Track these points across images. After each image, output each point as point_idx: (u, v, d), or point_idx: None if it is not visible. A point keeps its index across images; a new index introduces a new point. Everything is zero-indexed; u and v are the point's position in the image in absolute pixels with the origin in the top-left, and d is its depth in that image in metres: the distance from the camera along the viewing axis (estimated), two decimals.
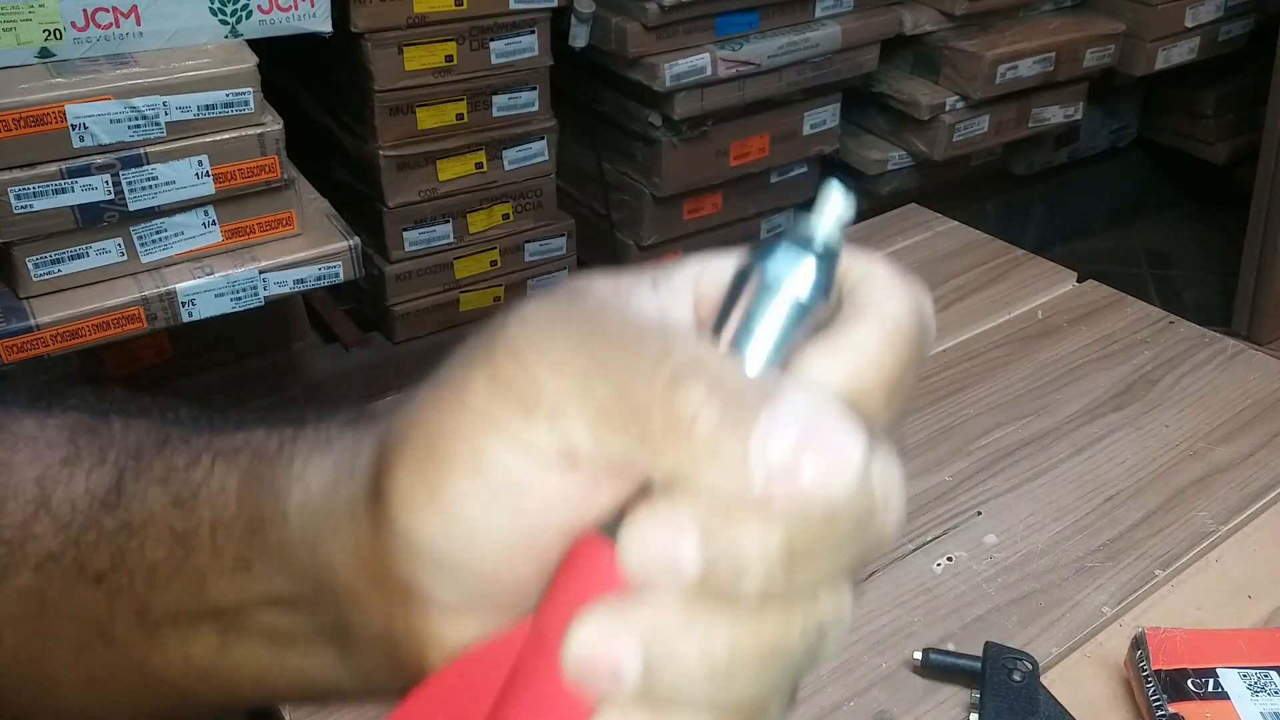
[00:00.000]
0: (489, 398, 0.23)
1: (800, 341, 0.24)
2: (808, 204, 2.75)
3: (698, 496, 0.22)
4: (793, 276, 0.24)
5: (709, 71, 2.04)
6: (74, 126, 1.40)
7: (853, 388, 0.24)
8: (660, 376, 0.22)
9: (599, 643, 0.22)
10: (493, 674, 0.25)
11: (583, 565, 0.24)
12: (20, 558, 0.30)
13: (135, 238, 1.52)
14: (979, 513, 0.80)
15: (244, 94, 1.50)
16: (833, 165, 2.41)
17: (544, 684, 0.23)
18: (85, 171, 1.43)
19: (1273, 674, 0.64)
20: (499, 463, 0.23)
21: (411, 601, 0.25)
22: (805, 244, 0.24)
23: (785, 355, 0.24)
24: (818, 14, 2.16)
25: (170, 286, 1.53)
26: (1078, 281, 1.09)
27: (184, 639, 0.30)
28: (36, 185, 1.41)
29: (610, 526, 0.23)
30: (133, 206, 1.48)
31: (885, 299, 0.25)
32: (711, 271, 0.26)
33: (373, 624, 0.27)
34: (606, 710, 0.23)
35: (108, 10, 1.47)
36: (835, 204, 0.25)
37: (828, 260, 0.24)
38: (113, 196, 1.46)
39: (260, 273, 1.58)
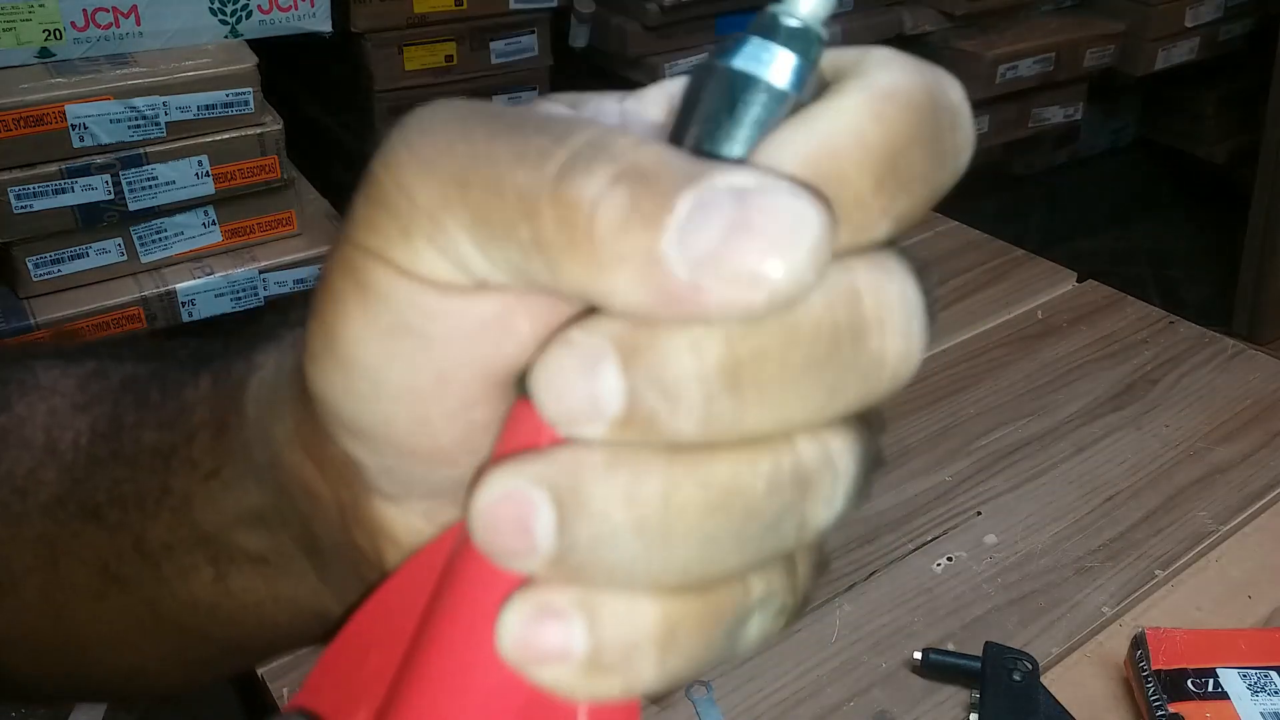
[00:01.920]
0: (366, 223, 0.20)
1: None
2: None
3: (615, 311, 0.18)
4: (762, 67, 0.19)
5: None
6: (74, 126, 1.41)
7: (824, 164, 0.18)
8: (553, 161, 0.18)
9: (501, 498, 0.18)
10: (435, 573, 0.22)
11: (516, 431, 0.20)
12: (31, 504, 0.31)
13: (135, 238, 1.52)
14: (979, 513, 0.80)
15: (244, 94, 1.50)
16: None
17: (468, 567, 0.20)
18: (85, 171, 1.43)
19: (1273, 674, 0.64)
20: (385, 296, 0.20)
21: (354, 489, 0.23)
22: (775, 31, 0.20)
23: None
24: None
25: (170, 286, 1.53)
26: (1078, 281, 1.09)
27: (182, 573, 0.29)
28: (36, 185, 1.41)
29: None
30: (133, 206, 1.48)
31: (875, 69, 0.19)
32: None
33: (332, 528, 0.25)
34: (525, 588, 0.19)
35: (108, 10, 1.47)
36: None
37: (802, 49, 0.20)
38: (113, 196, 1.46)
39: (260, 273, 1.58)
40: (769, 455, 0.18)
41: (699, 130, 0.19)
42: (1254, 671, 0.64)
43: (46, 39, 1.45)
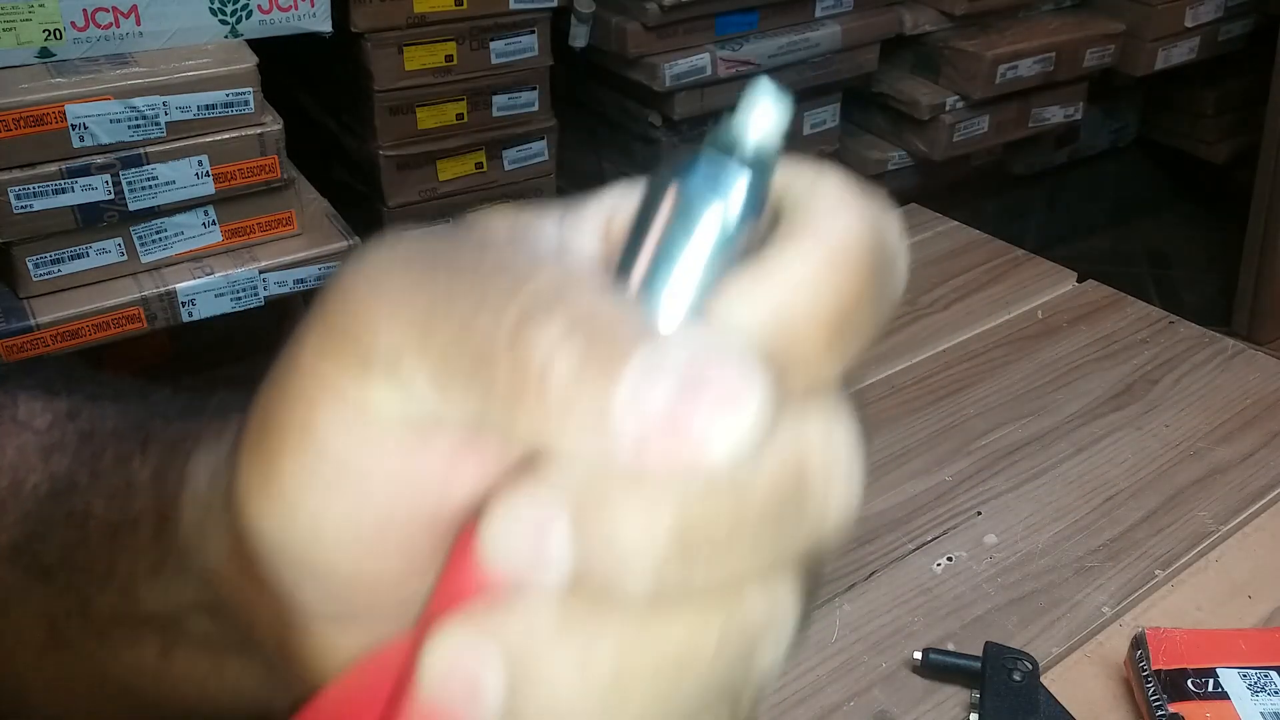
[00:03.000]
0: (318, 354, 0.20)
1: (725, 276, 0.19)
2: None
3: (567, 470, 0.18)
4: (714, 192, 0.19)
5: (709, 71, 2.04)
6: (74, 126, 1.41)
7: (780, 326, 0.19)
8: (511, 311, 0.18)
9: (453, 659, 0.18)
10: (377, 692, 0.21)
11: (462, 563, 0.20)
12: None
13: (135, 238, 1.52)
14: (979, 513, 0.80)
15: (244, 94, 1.50)
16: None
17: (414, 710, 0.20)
18: (85, 171, 1.43)
19: (1273, 674, 0.64)
20: (332, 436, 0.19)
21: (292, 610, 0.22)
22: (728, 153, 0.19)
23: (706, 293, 0.19)
24: (818, 14, 2.16)
25: (170, 286, 1.53)
26: (1078, 281, 1.09)
27: (131, 643, 0.28)
28: (36, 185, 1.41)
29: None
30: (133, 206, 1.48)
31: (828, 216, 0.19)
32: (630, 202, 0.21)
33: (272, 639, 0.24)
34: None
35: (108, 10, 1.47)
36: (765, 106, 0.20)
37: (758, 171, 0.19)
38: (113, 196, 1.46)
39: (260, 273, 1.58)
40: (719, 612, 0.18)
41: (652, 251, 0.19)
42: (1254, 671, 0.64)
43: (46, 39, 1.45)
